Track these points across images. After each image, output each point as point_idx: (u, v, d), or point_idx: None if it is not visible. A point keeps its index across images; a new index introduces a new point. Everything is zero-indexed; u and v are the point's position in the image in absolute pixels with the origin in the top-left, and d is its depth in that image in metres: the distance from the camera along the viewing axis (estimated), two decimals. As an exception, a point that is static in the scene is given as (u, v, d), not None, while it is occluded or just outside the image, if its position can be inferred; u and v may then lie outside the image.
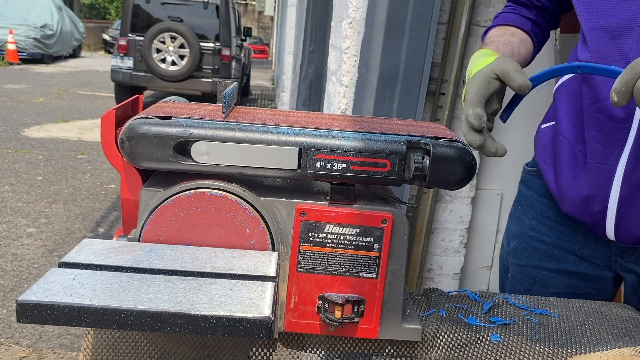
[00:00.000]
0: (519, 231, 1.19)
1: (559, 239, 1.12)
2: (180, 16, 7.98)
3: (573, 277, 1.12)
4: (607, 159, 0.97)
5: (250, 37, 12.09)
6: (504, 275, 1.25)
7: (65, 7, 15.55)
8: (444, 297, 0.94)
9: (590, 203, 1.00)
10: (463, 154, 0.73)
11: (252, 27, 15.43)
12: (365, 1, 1.91)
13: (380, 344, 0.82)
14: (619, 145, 0.95)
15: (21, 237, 3.69)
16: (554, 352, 0.82)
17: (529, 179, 1.19)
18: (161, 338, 0.79)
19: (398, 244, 0.76)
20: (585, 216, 1.03)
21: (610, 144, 0.96)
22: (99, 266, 0.67)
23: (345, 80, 2.02)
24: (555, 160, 1.08)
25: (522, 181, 1.22)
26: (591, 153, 0.99)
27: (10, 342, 2.54)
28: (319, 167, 0.72)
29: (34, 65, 13.13)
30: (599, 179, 0.98)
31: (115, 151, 0.79)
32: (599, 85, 0.95)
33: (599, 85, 0.95)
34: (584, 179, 1.01)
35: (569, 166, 1.05)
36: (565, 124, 1.06)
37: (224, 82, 0.83)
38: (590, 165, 0.99)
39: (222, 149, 0.72)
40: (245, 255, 0.73)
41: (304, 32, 4.11)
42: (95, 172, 5.23)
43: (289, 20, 7.31)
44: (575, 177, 1.03)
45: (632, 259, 1.04)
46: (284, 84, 7.67)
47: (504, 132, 2.15)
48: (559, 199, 1.08)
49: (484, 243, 2.30)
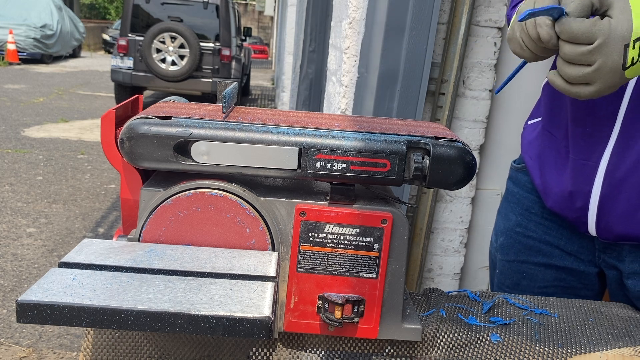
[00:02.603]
0: (506, 227, 1.20)
1: (545, 234, 1.13)
2: (180, 16, 7.98)
3: (560, 271, 1.14)
4: (590, 156, 0.98)
5: (250, 37, 12.09)
6: (493, 272, 1.27)
7: (65, 7, 15.55)
8: (444, 297, 0.94)
9: (573, 199, 1.01)
10: (463, 154, 0.73)
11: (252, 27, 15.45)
12: (365, 1, 1.91)
13: (380, 344, 0.82)
14: (601, 142, 0.96)
15: (21, 237, 3.69)
16: (554, 352, 0.82)
17: (515, 176, 1.21)
18: (161, 338, 0.79)
19: (398, 244, 0.76)
20: (568, 212, 1.04)
21: (593, 140, 0.97)
22: (99, 266, 0.67)
23: (345, 80, 2.02)
24: (541, 156, 1.09)
25: (510, 178, 1.24)
26: (575, 149, 1.00)
27: (10, 342, 2.54)
28: (319, 167, 0.72)
29: (34, 65, 13.13)
30: (582, 175, 0.99)
31: (115, 151, 0.79)
32: None
33: None
34: (568, 174, 1.02)
35: (553, 162, 1.06)
36: (551, 119, 1.07)
37: (224, 82, 0.83)
38: (574, 161, 1.01)
39: (222, 149, 0.72)
40: (245, 255, 0.73)
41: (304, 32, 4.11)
42: (95, 172, 5.23)
43: (289, 20, 7.31)
44: (559, 172, 1.04)
45: (614, 255, 1.05)
46: (284, 84, 7.67)
47: (504, 132, 2.15)
48: (543, 194, 1.09)
49: (484, 243, 2.30)
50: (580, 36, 0.75)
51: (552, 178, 1.06)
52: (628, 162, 0.94)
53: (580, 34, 0.75)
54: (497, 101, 2.12)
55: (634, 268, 1.02)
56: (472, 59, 2.02)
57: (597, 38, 0.74)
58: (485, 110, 2.08)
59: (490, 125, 2.13)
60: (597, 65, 0.75)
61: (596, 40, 0.75)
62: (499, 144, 2.17)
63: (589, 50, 0.75)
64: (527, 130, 1.17)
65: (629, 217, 0.96)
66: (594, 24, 0.75)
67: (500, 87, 0.98)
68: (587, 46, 0.75)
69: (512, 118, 2.14)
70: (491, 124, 2.14)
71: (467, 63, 2.02)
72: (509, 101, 2.13)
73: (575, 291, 1.13)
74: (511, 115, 2.14)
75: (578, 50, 0.76)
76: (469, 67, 2.02)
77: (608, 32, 0.74)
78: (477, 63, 2.02)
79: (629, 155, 0.94)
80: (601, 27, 0.74)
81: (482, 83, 2.05)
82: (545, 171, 1.08)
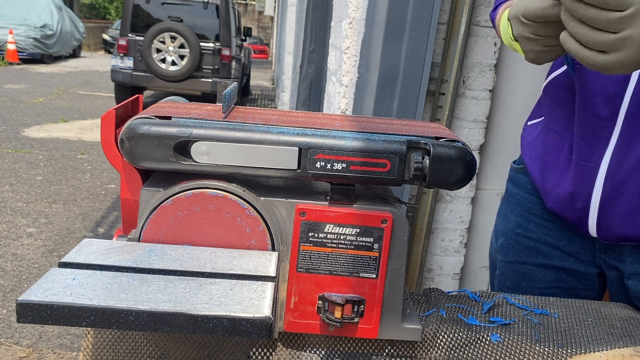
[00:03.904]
0: (506, 228, 1.20)
1: (545, 235, 1.13)
2: (180, 16, 7.99)
3: (560, 272, 1.14)
4: (591, 157, 0.98)
5: (250, 37, 12.09)
6: (493, 273, 1.27)
7: (65, 7, 15.55)
8: (444, 297, 0.94)
9: (574, 200, 1.01)
10: (463, 154, 0.73)
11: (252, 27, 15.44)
12: (365, 1, 1.91)
13: (380, 344, 0.82)
14: (603, 144, 0.96)
15: (21, 237, 3.69)
16: (554, 352, 0.82)
17: (515, 177, 1.21)
18: (161, 338, 0.79)
19: (398, 244, 0.76)
20: (568, 213, 1.04)
21: (594, 141, 0.97)
22: (99, 266, 0.67)
23: (345, 80, 2.02)
24: (542, 156, 1.09)
25: (510, 179, 1.24)
26: (576, 150, 1.00)
27: (10, 342, 2.54)
28: (319, 167, 0.72)
29: (34, 65, 13.13)
30: (583, 176, 0.99)
31: (115, 151, 0.79)
32: (589, 82, 0.96)
33: (589, 82, 0.96)
34: (569, 175, 1.02)
35: (555, 162, 1.06)
36: (556, 119, 1.07)
37: (224, 82, 0.83)
38: (575, 162, 1.00)
39: (222, 149, 0.72)
40: (245, 255, 0.73)
41: (304, 32, 4.11)
42: (95, 172, 5.23)
43: (289, 20, 7.31)
44: (560, 173, 1.04)
45: (615, 256, 1.05)
46: (284, 84, 7.67)
47: (504, 132, 2.15)
48: (544, 194, 1.09)
49: (484, 243, 2.30)
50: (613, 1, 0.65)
51: (553, 179, 1.06)
52: (629, 164, 0.94)
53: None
54: (497, 101, 2.12)
55: (635, 269, 1.02)
56: (472, 59, 2.02)
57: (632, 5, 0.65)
58: (485, 110, 2.08)
59: (490, 125, 2.13)
60: (624, 34, 0.66)
61: (630, 8, 0.65)
62: (499, 144, 2.17)
63: (619, 17, 0.65)
64: (526, 131, 1.17)
65: (630, 219, 0.96)
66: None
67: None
68: (618, 13, 0.65)
69: (512, 118, 2.14)
70: (491, 124, 2.14)
71: (467, 63, 2.02)
72: (509, 101, 2.13)
73: (575, 292, 1.13)
74: (511, 115, 2.14)
75: (606, 17, 0.66)
76: (469, 67, 2.02)
77: None
78: (477, 63, 2.02)
79: (630, 157, 0.94)
80: None
81: (482, 83, 2.05)
82: (546, 172, 1.07)
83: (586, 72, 0.96)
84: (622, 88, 0.91)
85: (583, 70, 0.97)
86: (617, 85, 0.92)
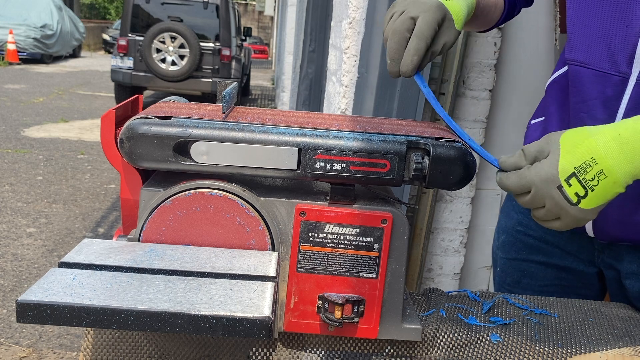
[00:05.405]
0: (508, 225, 1.21)
1: (545, 234, 1.14)
2: (180, 16, 7.98)
3: (560, 270, 1.14)
4: None
5: (250, 37, 12.09)
6: (495, 270, 1.27)
7: (65, 7, 15.55)
8: (444, 297, 0.94)
9: None
10: (463, 154, 0.73)
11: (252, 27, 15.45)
12: (365, 1, 1.91)
13: (380, 344, 0.82)
14: None
15: (21, 237, 3.69)
16: (554, 352, 0.82)
17: None
18: (161, 338, 0.79)
19: (398, 244, 0.76)
20: None
21: None
22: (98, 266, 0.67)
23: (345, 80, 2.02)
24: None
25: None
26: None
27: (10, 342, 2.54)
28: (318, 167, 0.72)
29: (34, 65, 13.13)
30: None
31: (115, 151, 0.79)
32: (585, 85, 0.96)
33: (585, 85, 0.96)
34: None
35: None
36: (555, 119, 1.07)
37: (223, 82, 0.83)
38: None
39: (221, 149, 0.72)
40: (245, 255, 0.73)
41: (304, 32, 4.11)
42: (95, 172, 5.23)
43: (289, 20, 7.31)
44: None
45: (612, 255, 1.06)
46: (284, 84, 7.67)
47: (504, 132, 2.15)
48: None
49: (484, 243, 2.30)
50: (515, 189, 0.76)
51: None
52: None
53: (514, 187, 0.76)
54: (497, 101, 2.12)
55: (632, 268, 1.02)
56: (472, 59, 2.02)
57: (531, 187, 0.74)
58: (485, 110, 2.08)
59: (490, 125, 2.13)
60: (547, 207, 0.75)
61: (531, 190, 0.74)
62: (499, 144, 2.17)
63: (529, 200, 0.75)
64: (529, 130, 1.17)
65: (624, 222, 0.97)
66: (521, 177, 0.75)
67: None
68: (527, 195, 0.75)
69: (512, 118, 2.14)
70: (491, 124, 2.14)
71: (467, 63, 2.02)
72: (509, 101, 2.13)
73: (575, 290, 1.14)
74: (511, 115, 2.14)
75: (522, 201, 0.77)
76: (469, 67, 2.02)
77: (536, 180, 0.73)
78: (477, 63, 2.02)
79: None
80: (528, 177, 0.74)
81: (482, 83, 2.05)
82: None
83: (584, 76, 0.96)
84: (620, 91, 0.92)
85: (581, 73, 0.97)
86: (615, 88, 0.92)
